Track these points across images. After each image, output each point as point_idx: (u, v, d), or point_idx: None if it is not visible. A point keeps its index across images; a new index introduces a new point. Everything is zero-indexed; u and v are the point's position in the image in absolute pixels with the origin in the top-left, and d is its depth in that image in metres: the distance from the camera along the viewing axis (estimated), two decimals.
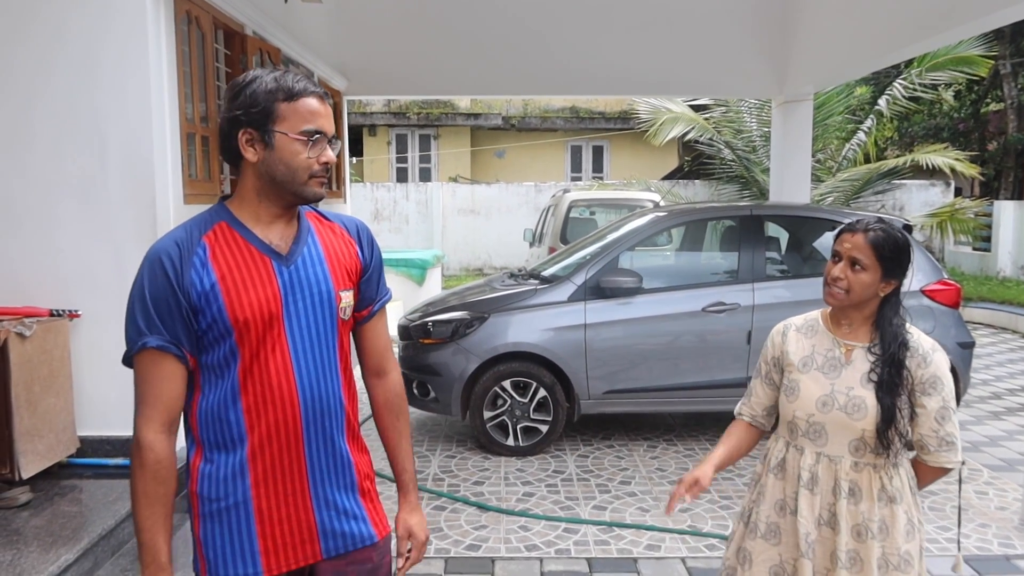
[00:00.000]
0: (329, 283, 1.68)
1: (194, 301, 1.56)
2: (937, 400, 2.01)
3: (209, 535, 1.63)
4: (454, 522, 4.20)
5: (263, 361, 1.60)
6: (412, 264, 10.11)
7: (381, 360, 1.87)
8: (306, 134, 1.59)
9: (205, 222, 1.63)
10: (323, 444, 1.67)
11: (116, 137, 3.77)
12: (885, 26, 5.82)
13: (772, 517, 2.14)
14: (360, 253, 1.78)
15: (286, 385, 1.61)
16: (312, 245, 1.69)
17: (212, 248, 1.60)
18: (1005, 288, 12.70)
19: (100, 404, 3.88)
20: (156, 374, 1.57)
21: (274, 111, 1.57)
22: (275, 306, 1.60)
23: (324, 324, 1.67)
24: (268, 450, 1.62)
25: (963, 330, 5.35)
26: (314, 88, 1.62)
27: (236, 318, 1.57)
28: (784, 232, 6.09)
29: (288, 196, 1.63)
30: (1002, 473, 4.97)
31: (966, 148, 18.02)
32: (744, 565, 2.18)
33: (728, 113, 13.88)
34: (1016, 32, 16.70)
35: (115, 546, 3.22)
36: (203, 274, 1.57)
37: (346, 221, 1.81)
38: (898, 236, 2.04)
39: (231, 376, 1.60)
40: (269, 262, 1.62)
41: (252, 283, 1.59)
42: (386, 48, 7.71)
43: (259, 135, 1.59)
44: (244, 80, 1.61)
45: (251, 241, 1.62)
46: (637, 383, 5.27)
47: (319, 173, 1.62)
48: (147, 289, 1.56)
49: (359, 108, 18.76)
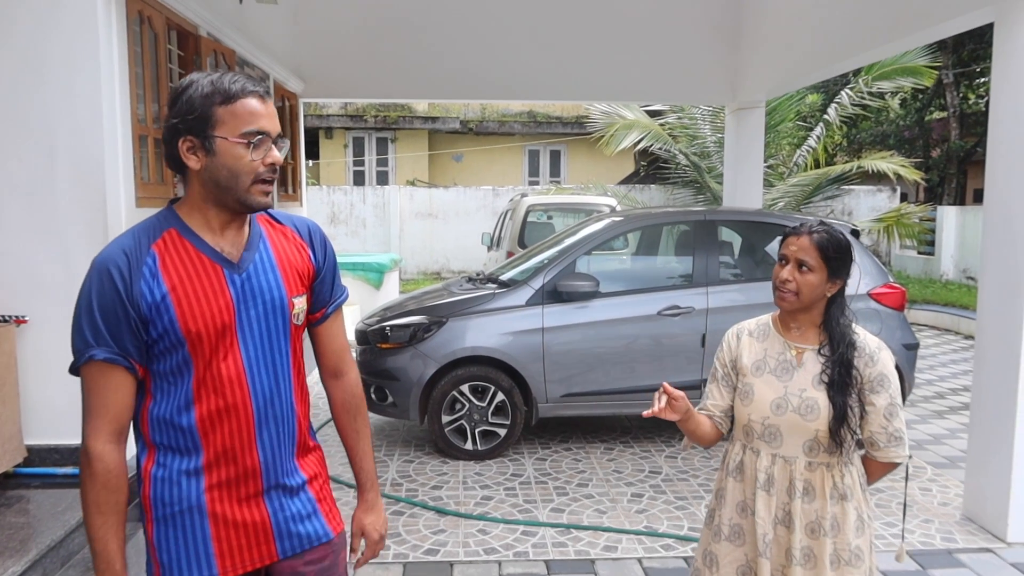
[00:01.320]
0: (281, 290, 1.67)
1: (144, 312, 1.54)
2: (885, 397, 2.08)
3: (163, 539, 1.62)
4: (412, 527, 4.19)
5: (216, 370, 1.59)
6: (369, 268, 10.05)
7: (338, 361, 1.87)
8: (246, 136, 1.55)
9: (154, 228, 1.60)
10: (276, 449, 1.68)
11: (65, 138, 3.69)
12: (834, 36, 5.98)
13: (735, 519, 2.19)
14: (312, 256, 1.77)
15: (240, 394, 1.61)
16: (264, 251, 1.68)
17: (162, 257, 1.57)
18: (948, 291, 13.10)
19: (48, 412, 3.78)
20: (103, 385, 1.55)
21: (212, 116, 1.54)
22: (228, 316, 1.59)
23: (277, 331, 1.66)
24: (223, 457, 1.62)
25: (908, 332, 5.51)
26: (253, 87, 1.58)
27: (188, 329, 1.55)
28: (737, 236, 6.21)
29: (233, 203, 1.60)
30: (944, 470, 5.14)
31: (911, 155, 18.59)
32: (711, 568, 2.23)
33: (683, 119, 14.08)
34: (958, 43, 17.27)
35: (64, 557, 3.15)
36: (153, 285, 1.54)
37: (298, 223, 1.80)
38: (840, 237, 2.11)
39: (184, 385, 1.58)
40: (221, 271, 1.60)
41: (204, 294, 1.57)
42: (343, 51, 7.67)
43: (199, 142, 1.56)
44: (181, 86, 1.58)
45: (202, 249, 1.59)
46: (594, 386, 5.32)
47: (265, 176, 1.58)
48: (94, 299, 1.53)
49: (315, 111, 18.60)
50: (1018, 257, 3.95)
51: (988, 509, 4.16)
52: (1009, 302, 4.02)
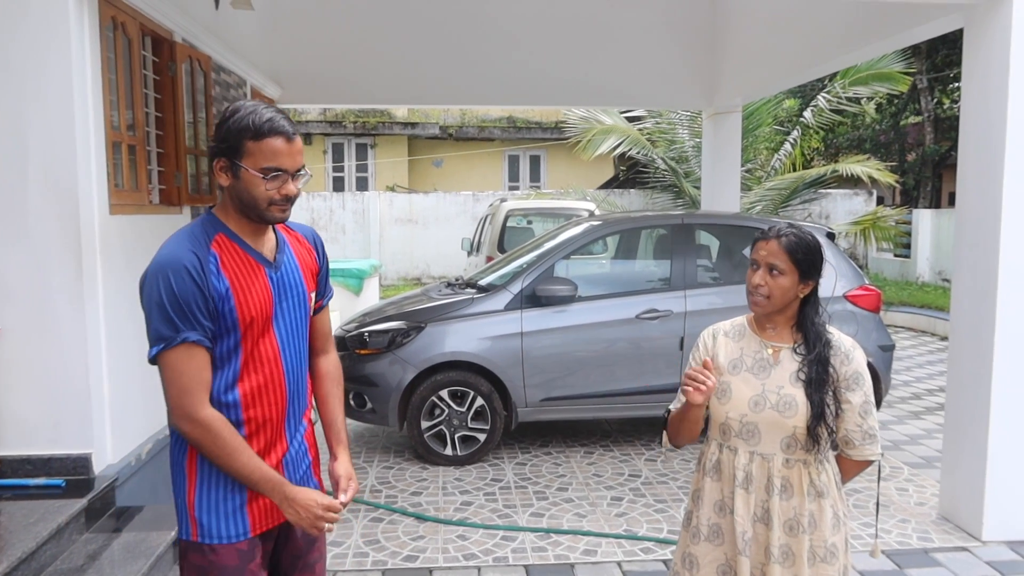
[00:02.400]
0: (303, 286, 2.02)
1: (216, 302, 1.82)
2: (860, 395, 2.11)
3: (205, 501, 1.89)
4: (391, 534, 4.17)
5: (259, 352, 1.90)
6: (349, 274, 10.00)
7: (325, 342, 2.20)
8: (265, 171, 1.82)
9: (206, 232, 1.87)
10: (296, 419, 2.01)
11: (37, 144, 3.63)
12: (808, 41, 6.05)
13: (713, 519, 2.21)
14: (318, 257, 2.12)
15: (276, 372, 1.94)
16: (289, 254, 2.02)
17: (221, 257, 1.86)
18: (924, 293, 13.25)
19: (20, 423, 3.72)
20: (196, 364, 1.81)
21: (241, 148, 1.81)
22: (269, 307, 1.91)
23: (300, 320, 2.01)
24: (261, 427, 1.92)
25: (884, 333, 5.57)
26: (281, 128, 1.82)
27: (244, 318, 1.86)
28: (715, 240, 6.25)
29: (255, 217, 1.88)
30: (921, 470, 5.19)
31: (887, 159, 18.81)
32: (691, 570, 2.23)
33: (661, 124, 14.16)
34: (932, 49, 17.52)
35: (36, 569, 3.10)
36: (219, 279, 1.83)
37: (303, 230, 2.15)
38: (809, 238, 2.13)
39: (233, 366, 1.88)
40: (263, 269, 1.92)
41: (254, 288, 1.89)
42: (321, 56, 7.64)
43: (229, 165, 1.84)
44: (226, 114, 1.86)
45: (248, 252, 1.91)
46: (573, 390, 5.33)
47: (279, 202, 1.86)
48: (176, 291, 1.77)
49: (294, 117, 18.49)
50: (989, 259, 4.01)
51: (963, 508, 4.21)
52: (981, 303, 4.07)
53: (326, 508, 1.86)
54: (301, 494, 1.86)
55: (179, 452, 1.92)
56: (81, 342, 3.65)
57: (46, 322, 3.63)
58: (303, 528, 1.88)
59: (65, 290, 3.63)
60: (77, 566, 3.20)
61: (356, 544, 4.04)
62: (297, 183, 1.89)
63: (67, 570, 3.16)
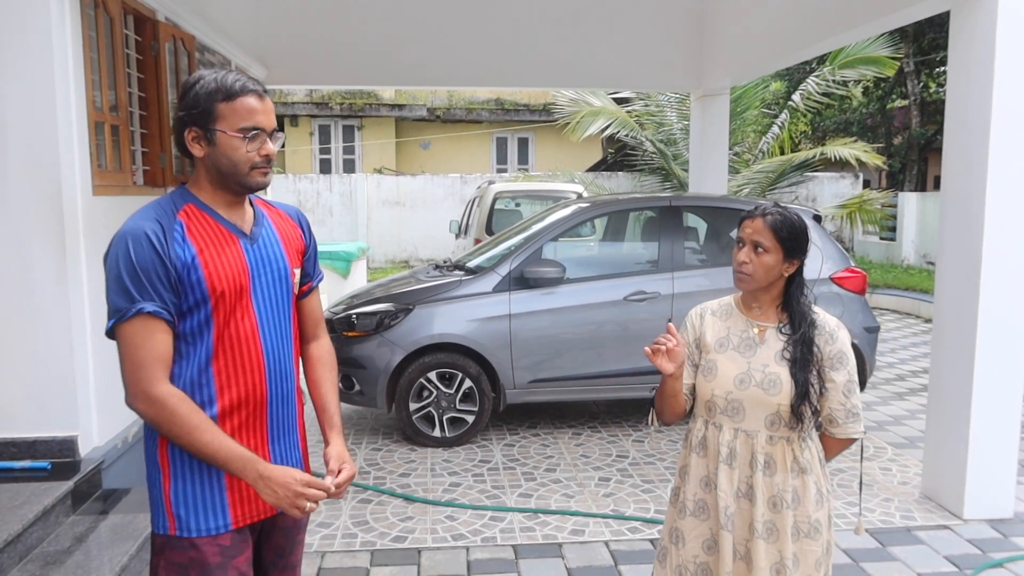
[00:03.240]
0: (285, 261, 1.90)
1: (179, 271, 1.71)
2: (844, 374, 2.14)
3: (180, 493, 1.78)
4: (380, 515, 4.19)
5: (234, 329, 1.78)
6: (337, 257, 9.98)
7: (316, 327, 2.11)
8: (244, 131, 1.74)
9: (174, 203, 1.78)
10: (281, 404, 1.89)
11: (17, 125, 3.59)
12: (796, 23, 6.04)
13: (699, 494, 2.23)
14: (304, 236, 2.01)
15: (255, 351, 1.81)
16: (268, 227, 1.91)
17: (188, 224, 1.75)
18: (909, 275, 13.36)
19: (5, 406, 3.70)
20: (152, 337, 1.69)
21: (214, 111, 1.73)
22: (244, 279, 1.79)
23: (282, 297, 1.89)
24: (237, 411, 1.80)
25: (869, 315, 5.61)
26: (253, 87, 1.76)
27: (214, 288, 1.74)
28: (702, 222, 6.26)
29: (235, 186, 1.79)
30: (904, 450, 5.25)
31: (874, 142, 18.87)
32: (677, 544, 2.27)
33: (649, 107, 14.13)
34: (919, 32, 17.54)
35: (22, 552, 3.09)
36: (184, 247, 1.72)
37: (288, 208, 2.05)
38: (794, 218, 2.15)
39: (205, 342, 1.76)
40: (237, 240, 1.81)
41: (226, 257, 1.77)
42: (307, 36, 7.56)
43: (202, 133, 1.75)
44: (190, 82, 1.77)
45: (220, 221, 1.80)
46: (561, 372, 5.35)
47: (261, 164, 1.78)
48: (135, 260, 1.68)
49: (280, 98, 18.34)
50: (973, 242, 4.04)
51: (946, 487, 4.26)
52: (965, 286, 4.10)
53: (306, 484, 1.72)
54: (277, 471, 1.71)
55: (151, 442, 1.81)
56: (65, 324, 3.62)
57: (29, 304, 3.60)
58: (283, 508, 1.72)
59: (48, 272, 3.60)
60: (64, 548, 3.19)
61: (345, 525, 4.05)
62: (275, 142, 1.80)
63: (54, 552, 3.16)
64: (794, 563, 2.12)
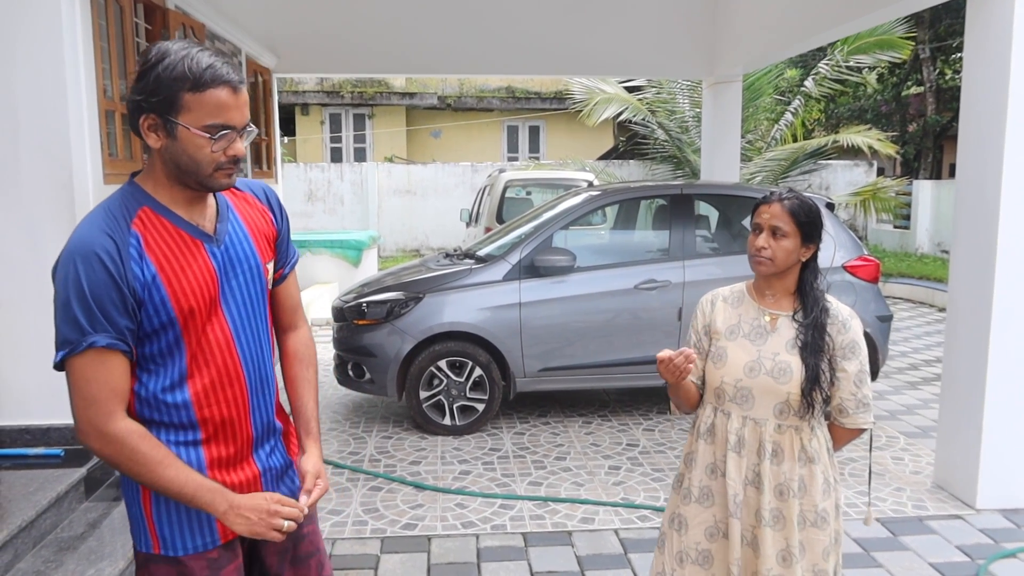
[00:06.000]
0: (256, 257, 1.70)
1: (139, 294, 1.50)
2: (856, 364, 2.12)
3: (164, 513, 1.63)
4: (390, 502, 4.20)
5: (206, 341, 1.60)
6: (347, 245, 10.00)
7: (293, 316, 1.91)
8: (210, 128, 1.50)
9: (126, 207, 1.55)
10: (262, 410, 1.72)
11: (29, 114, 3.60)
12: (809, 9, 5.97)
13: (704, 481, 2.23)
14: (274, 219, 1.79)
15: (231, 360, 1.63)
16: (234, 221, 1.69)
17: (144, 237, 1.53)
18: (923, 264, 13.25)
19: (19, 393, 3.73)
20: (107, 371, 1.50)
21: (177, 101, 1.47)
22: (213, 289, 1.60)
23: (256, 297, 1.70)
24: (221, 427, 1.64)
25: (882, 304, 5.57)
26: (226, 77, 1.50)
27: (181, 308, 1.55)
28: (714, 210, 6.22)
29: (195, 184, 1.56)
30: (917, 439, 5.22)
31: (888, 129, 18.69)
32: (680, 531, 2.26)
33: (661, 94, 14.04)
34: (935, 18, 17.33)
35: (36, 537, 3.13)
36: (142, 266, 1.51)
37: (254, 187, 1.80)
38: (810, 202, 2.14)
39: (177, 364, 1.58)
40: (201, 245, 1.59)
41: (191, 270, 1.56)
42: (318, 24, 7.54)
43: (161, 123, 1.50)
44: (151, 60, 1.49)
45: (180, 226, 1.58)
46: (572, 360, 5.34)
47: (225, 165, 1.55)
48: (85, 285, 1.46)
49: (291, 86, 18.35)
50: (988, 231, 3.99)
51: (958, 477, 4.24)
52: (980, 275, 4.06)
53: (278, 501, 1.60)
54: (245, 498, 1.59)
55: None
56: None
57: (42, 292, 3.61)
58: (259, 535, 1.59)
59: None
60: (77, 534, 3.22)
61: (355, 512, 4.07)
62: (245, 139, 1.57)
63: (67, 538, 3.19)
64: (800, 551, 2.11)
